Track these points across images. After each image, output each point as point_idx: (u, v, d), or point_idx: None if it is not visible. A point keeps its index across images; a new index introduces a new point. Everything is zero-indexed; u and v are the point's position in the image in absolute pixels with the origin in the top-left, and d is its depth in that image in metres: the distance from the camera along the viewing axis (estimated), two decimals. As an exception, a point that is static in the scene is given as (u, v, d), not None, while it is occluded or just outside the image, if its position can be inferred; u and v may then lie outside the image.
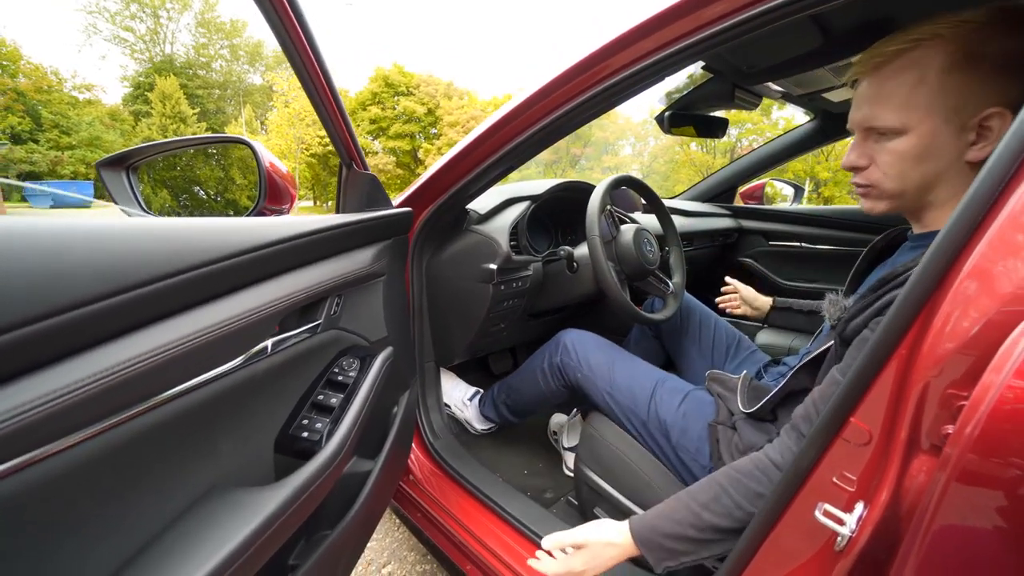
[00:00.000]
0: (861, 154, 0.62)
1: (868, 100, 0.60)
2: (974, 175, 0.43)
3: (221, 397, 0.47)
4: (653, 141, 31.92)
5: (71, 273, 0.31)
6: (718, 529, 0.61)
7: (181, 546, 0.40)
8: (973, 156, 0.55)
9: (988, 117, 0.53)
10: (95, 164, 0.76)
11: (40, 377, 0.31)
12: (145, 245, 0.38)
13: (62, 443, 0.32)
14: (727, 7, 0.61)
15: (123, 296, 0.35)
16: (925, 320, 0.42)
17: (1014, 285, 0.36)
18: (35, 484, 0.31)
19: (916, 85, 0.55)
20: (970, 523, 0.35)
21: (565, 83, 0.78)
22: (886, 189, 0.61)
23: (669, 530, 0.63)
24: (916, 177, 0.59)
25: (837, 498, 0.48)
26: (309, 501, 0.53)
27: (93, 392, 0.33)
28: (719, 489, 0.62)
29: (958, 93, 0.54)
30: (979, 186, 0.40)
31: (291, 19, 0.58)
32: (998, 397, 0.33)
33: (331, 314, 0.67)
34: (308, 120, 26.59)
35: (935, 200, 0.60)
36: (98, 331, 0.34)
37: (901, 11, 0.77)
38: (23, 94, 27.44)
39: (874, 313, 0.55)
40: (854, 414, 0.47)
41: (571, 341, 1.04)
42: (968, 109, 0.54)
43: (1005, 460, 0.33)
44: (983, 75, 0.53)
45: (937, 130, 0.56)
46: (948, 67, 0.53)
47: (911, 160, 0.58)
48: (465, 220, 1.12)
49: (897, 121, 0.57)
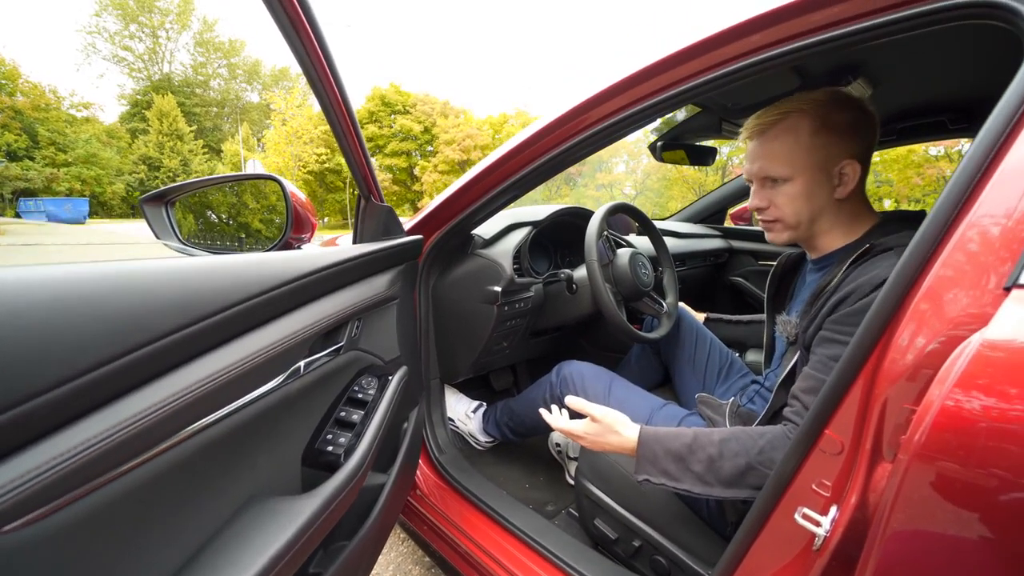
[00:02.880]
0: (762, 198, 0.81)
1: (760, 156, 0.79)
2: (843, 208, 0.76)
3: (262, 414, 0.53)
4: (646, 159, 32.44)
5: (159, 307, 0.37)
6: (710, 464, 0.68)
7: (233, 549, 0.45)
8: (839, 194, 0.76)
9: (844, 166, 0.74)
10: (138, 201, 0.82)
11: (123, 404, 0.36)
12: (208, 280, 0.44)
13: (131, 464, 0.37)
14: (717, 58, 0.69)
15: (193, 328, 0.40)
16: (886, 342, 0.48)
17: (959, 309, 0.43)
18: (117, 497, 0.36)
19: (794, 144, 0.75)
20: (920, 521, 0.41)
21: (570, 120, 0.86)
22: (788, 223, 0.80)
23: (669, 445, 0.72)
24: (806, 212, 0.78)
25: (815, 502, 0.53)
26: (337, 509, 0.58)
27: (165, 414, 0.38)
28: (731, 434, 0.70)
29: (823, 149, 0.74)
30: (930, 223, 0.46)
31: (325, 70, 0.64)
32: (940, 407, 0.38)
33: (352, 336, 0.72)
34: (305, 138, 26.88)
35: (820, 230, 0.80)
36: (172, 359, 0.39)
37: (861, 56, 0.87)
38: (20, 112, 27.57)
39: (825, 315, 0.70)
40: (828, 426, 0.53)
41: (570, 373, 1.10)
42: (831, 161, 0.74)
43: (948, 464, 0.38)
44: (836, 136, 0.74)
45: (814, 177, 0.75)
46: (813, 131, 0.74)
47: (801, 199, 0.77)
48: (470, 245, 1.19)
49: (785, 172, 0.76)
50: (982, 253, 0.43)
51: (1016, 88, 0.45)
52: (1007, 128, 0.45)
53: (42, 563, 0.30)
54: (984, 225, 0.43)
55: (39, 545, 0.29)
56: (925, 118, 1.28)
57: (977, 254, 0.43)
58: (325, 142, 27.30)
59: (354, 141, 0.75)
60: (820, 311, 0.71)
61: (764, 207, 0.81)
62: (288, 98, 28.08)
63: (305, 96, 28.11)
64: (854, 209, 0.78)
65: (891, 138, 1.40)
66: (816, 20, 0.59)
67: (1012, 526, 0.36)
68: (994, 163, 0.45)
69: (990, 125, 0.45)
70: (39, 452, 0.29)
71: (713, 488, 0.69)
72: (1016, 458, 0.35)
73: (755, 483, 0.66)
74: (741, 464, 0.67)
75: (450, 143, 29.07)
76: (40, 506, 0.29)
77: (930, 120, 1.28)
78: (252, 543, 0.47)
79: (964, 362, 0.38)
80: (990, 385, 0.37)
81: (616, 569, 0.88)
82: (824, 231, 0.80)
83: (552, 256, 1.53)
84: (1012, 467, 0.35)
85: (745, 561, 0.62)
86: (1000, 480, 0.36)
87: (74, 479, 0.31)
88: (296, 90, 28.97)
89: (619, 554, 0.94)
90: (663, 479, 0.72)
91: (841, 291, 0.68)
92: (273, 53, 45.46)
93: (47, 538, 0.30)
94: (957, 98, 1.16)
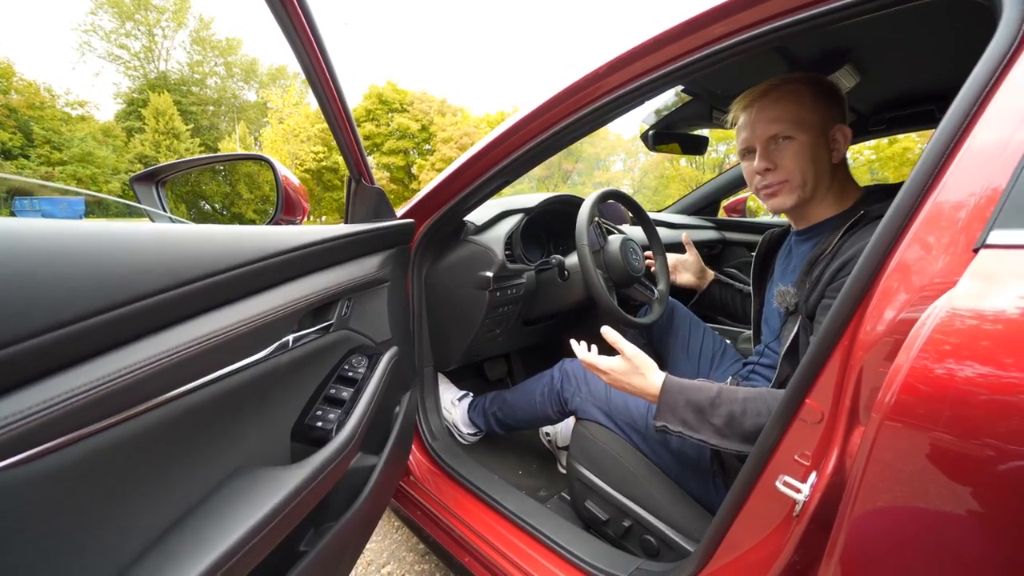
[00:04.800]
0: (768, 160, 0.82)
1: (763, 119, 0.81)
2: (837, 175, 0.80)
3: (249, 385, 0.53)
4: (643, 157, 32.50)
5: (144, 269, 0.37)
6: (730, 419, 0.69)
7: (220, 514, 0.46)
8: (835, 159, 0.80)
9: (836, 131, 0.79)
10: (129, 180, 0.82)
11: (113, 357, 0.37)
12: (198, 247, 0.44)
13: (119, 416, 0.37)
14: (704, 38, 0.69)
15: (181, 290, 0.41)
16: (863, 311, 0.49)
17: (928, 277, 0.44)
18: (105, 449, 0.37)
19: (799, 105, 0.78)
20: (890, 480, 0.42)
21: (558, 103, 0.86)
22: (795, 182, 0.81)
23: (692, 396, 0.73)
24: (812, 171, 0.80)
25: (796, 471, 0.54)
26: (324, 483, 0.59)
27: (152, 371, 0.39)
28: (757, 393, 0.71)
29: (823, 111, 0.78)
30: (903, 195, 0.48)
31: (312, 46, 0.65)
32: (907, 370, 0.39)
33: (342, 315, 0.73)
34: (302, 136, 26.78)
35: (818, 195, 0.82)
36: (161, 318, 0.40)
37: (849, 42, 0.87)
38: (15, 110, 27.40)
39: (826, 283, 0.72)
40: (809, 396, 0.54)
41: (572, 369, 1.11)
42: (828, 124, 0.79)
43: (916, 424, 0.39)
44: (828, 102, 0.79)
45: (816, 138, 0.79)
46: (812, 93, 0.79)
47: (806, 158, 0.79)
48: (463, 231, 1.19)
49: (793, 130, 0.79)
50: (953, 220, 0.44)
51: (985, 62, 0.46)
52: (978, 99, 0.46)
53: (28, 505, 0.30)
54: (955, 192, 0.45)
55: (26, 485, 0.30)
56: (914, 107, 1.30)
57: (948, 221, 0.44)
58: (322, 140, 27.21)
59: (344, 123, 0.75)
60: (820, 279, 0.73)
61: (771, 168, 0.82)
62: (285, 96, 27.99)
63: (302, 94, 28.01)
64: (844, 177, 0.82)
65: (881, 128, 1.41)
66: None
67: (977, 484, 0.37)
68: (965, 133, 0.46)
69: (961, 97, 0.47)
70: (25, 396, 0.30)
71: (731, 442, 0.70)
72: (980, 418, 0.36)
73: None
74: (763, 423, 0.67)
75: (447, 141, 29.05)
76: (26, 448, 0.29)
77: (919, 110, 1.30)
78: (237, 509, 0.48)
79: (932, 324, 0.39)
80: (957, 346, 0.38)
81: (607, 549, 0.89)
82: (820, 197, 0.82)
83: (545, 245, 1.54)
84: (977, 427, 0.36)
85: (730, 533, 0.63)
86: (963, 439, 0.37)
87: (60, 426, 0.31)
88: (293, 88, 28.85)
89: (610, 535, 0.95)
90: (680, 428, 0.73)
91: (839, 258, 0.70)
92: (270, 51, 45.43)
93: (33, 481, 0.30)
94: (944, 87, 1.17)
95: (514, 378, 1.71)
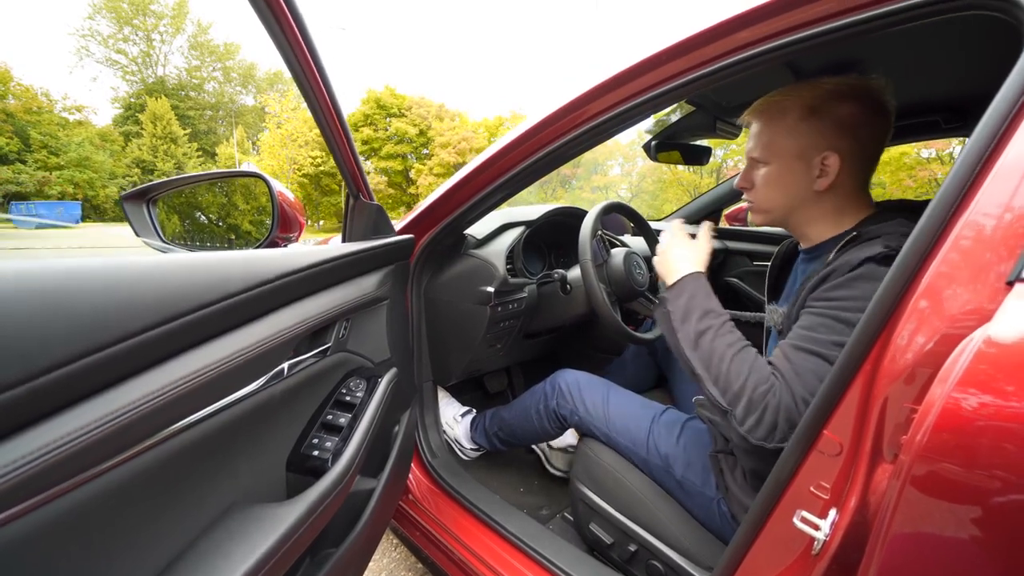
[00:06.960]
0: (745, 178, 0.81)
1: (751, 136, 0.79)
2: (827, 200, 0.73)
3: (243, 417, 0.51)
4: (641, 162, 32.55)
5: (132, 304, 0.35)
6: (711, 357, 0.69)
7: (211, 559, 0.43)
8: (819, 186, 0.73)
9: (825, 158, 0.72)
10: (119, 197, 0.80)
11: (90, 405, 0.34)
12: (185, 278, 0.42)
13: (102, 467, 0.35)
14: (711, 53, 0.67)
15: (166, 327, 0.38)
16: (885, 340, 0.47)
17: (959, 306, 0.42)
18: (86, 501, 0.34)
19: (776, 129, 0.75)
20: (923, 524, 0.39)
21: (560, 118, 0.84)
22: (760, 206, 0.80)
23: (694, 313, 0.74)
24: (779, 199, 0.77)
25: (813, 505, 0.52)
26: (322, 516, 0.56)
27: (137, 416, 0.36)
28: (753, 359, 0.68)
29: (805, 137, 0.72)
30: (928, 218, 0.45)
31: (310, 64, 0.63)
32: (942, 407, 0.37)
33: (339, 337, 0.71)
34: (300, 141, 26.78)
35: (801, 219, 0.78)
36: (146, 358, 0.37)
37: (856, 54, 0.86)
38: (12, 115, 27.35)
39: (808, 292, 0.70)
40: (827, 427, 0.51)
41: (566, 384, 1.07)
42: (812, 150, 0.72)
43: (950, 465, 0.37)
44: (824, 127, 0.71)
45: (789, 164, 0.75)
46: (800, 118, 0.72)
47: (773, 186, 0.77)
48: (463, 245, 1.17)
49: (762, 155, 0.77)
50: (983, 248, 0.42)
51: (1015, 80, 0.44)
52: (1006, 121, 0.44)
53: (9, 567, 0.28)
54: (984, 220, 0.42)
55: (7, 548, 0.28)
56: (919, 117, 1.28)
57: (977, 249, 0.42)
58: (320, 145, 27.14)
59: (341, 137, 0.73)
60: (805, 294, 0.71)
61: (746, 188, 0.82)
62: (283, 101, 28.00)
63: (300, 99, 27.99)
64: (839, 203, 0.75)
65: (886, 137, 1.40)
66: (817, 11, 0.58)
67: (1016, 529, 0.35)
68: (993, 156, 0.44)
69: (988, 118, 0.44)
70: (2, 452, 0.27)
71: (696, 369, 0.70)
72: (1020, 458, 0.34)
73: (731, 400, 0.66)
74: (734, 384, 0.66)
75: (446, 146, 29.05)
76: (8, 507, 0.27)
77: (924, 120, 1.28)
78: (232, 551, 0.45)
79: (967, 359, 0.37)
80: (994, 383, 0.36)
81: (611, 574, 0.86)
82: (807, 221, 0.78)
83: (546, 257, 1.52)
84: (1016, 468, 0.34)
85: (743, 565, 0.61)
86: (1004, 481, 0.35)
87: (42, 480, 0.29)
88: (291, 93, 28.86)
89: (615, 559, 0.93)
90: (674, 323, 0.74)
91: (822, 273, 0.68)
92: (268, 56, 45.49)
93: (16, 541, 0.28)
94: (952, 97, 1.15)
95: (515, 391, 1.68)
